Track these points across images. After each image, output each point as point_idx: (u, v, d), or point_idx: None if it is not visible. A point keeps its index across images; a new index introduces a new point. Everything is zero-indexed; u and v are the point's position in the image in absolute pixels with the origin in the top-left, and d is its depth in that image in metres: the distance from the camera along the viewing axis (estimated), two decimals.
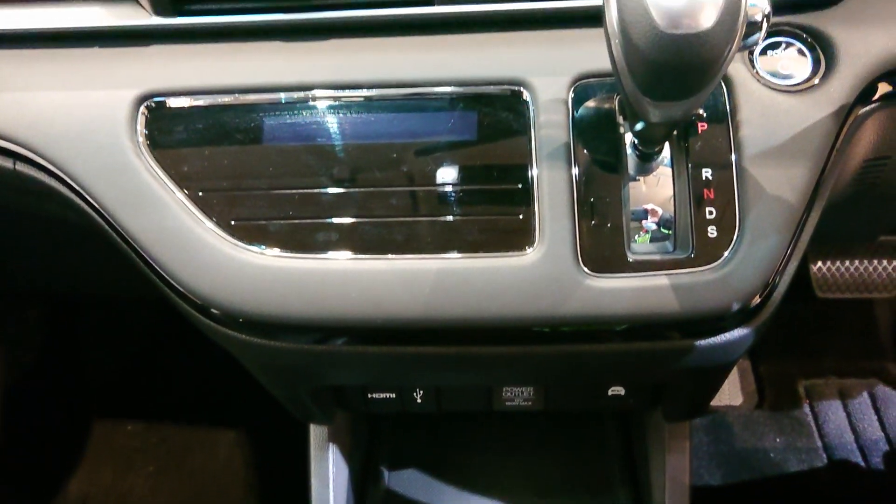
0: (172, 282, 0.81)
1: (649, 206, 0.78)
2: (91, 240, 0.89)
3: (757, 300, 0.77)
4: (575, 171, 0.77)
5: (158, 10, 0.83)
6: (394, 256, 0.77)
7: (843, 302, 1.73)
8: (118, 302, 1.85)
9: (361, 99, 0.81)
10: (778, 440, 1.66)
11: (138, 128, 0.81)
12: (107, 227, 0.83)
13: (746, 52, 0.80)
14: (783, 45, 0.81)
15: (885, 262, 1.65)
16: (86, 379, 1.82)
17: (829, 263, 1.67)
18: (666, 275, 0.75)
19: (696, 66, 0.59)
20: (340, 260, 0.78)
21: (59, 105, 0.83)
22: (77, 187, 0.82)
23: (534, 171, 0.78)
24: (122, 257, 0.85)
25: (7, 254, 1.35)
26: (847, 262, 1.66)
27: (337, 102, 0.81)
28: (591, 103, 0.79)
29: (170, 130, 0.82)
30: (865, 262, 1.66)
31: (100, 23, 0.85)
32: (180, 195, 0.80)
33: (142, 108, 0.82)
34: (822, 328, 1.82)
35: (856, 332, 1.81)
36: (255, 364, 0.96)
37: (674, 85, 0.61)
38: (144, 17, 0.84)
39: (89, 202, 0.82)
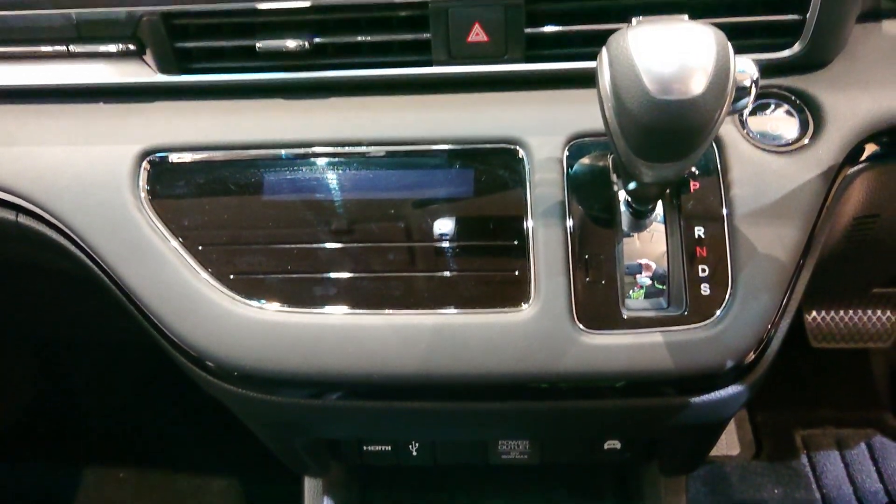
0: (169, 334, 0.81)
1: (643, 261, 0.79)
2: (87, 288, 0.90)
3: (751, 357, 0.78)
4: (570, 227, 0.78)
5: (164, 68, 0.85)
6: (391, 312, 0.78)
7: (838, 352, 1.73)
8: (111, 349, 1.85)
9: (360, 155, 0.83)
10: (776, 491, 1.64)
11: (140, 182, 0.83)
12: (106, 279, 0.83)
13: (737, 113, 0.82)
14: (772, 106, 0.83)
15: (879, 313, 1.66)
16: (78, 425, 1.81)
17: (823, 313, 1.67)
18: (660, 332, 0.76)
19: (688, 130, 0.60)
20: (338, 315, 0.78)
21: (63, 159, 0.84)
22: (78, 240, 0.83)
23: (529, 228, 0.79)
24: (119, 308, 0.85)
25: (2, 300, 1.35)
26: (842, 312, 1.67)
27: (336, 159, 0.83)
28: (585, 160, 0.81)
29: (171, 185, 0.83)
30: (860, 312, 1.66)
31: (106, 79, 0.87)
32: (180, 249, 0.81)
33: (144, 164, 0.83)
34: (819, 378, 1.81)
35: (852, 382, 1.81)
36: (250, 417, 0.96)
37: (666, 148, 0.63)
38: (150, 75, 0.86)
39: (89, 255, 0.83)
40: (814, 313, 1.67)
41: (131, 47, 0.84)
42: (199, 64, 0.85)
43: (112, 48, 0.85)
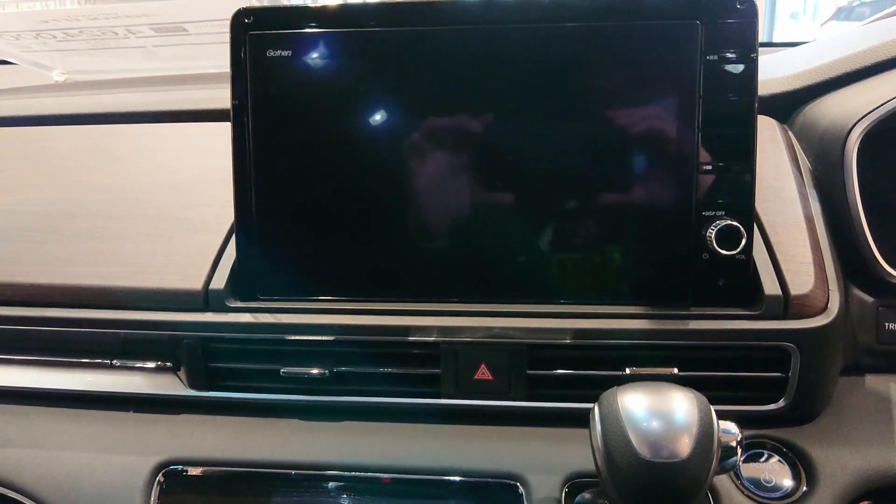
0: None
1: None
2: None
3: None
4: None
5: (194, 384, 0.92)
6: None
7: None
8: None
9: (367, 480, 0.86)
10: None
11: (152, 497, 0.85)
12: None
13: None
14: (765, 455, 0.86)
15: None
16: None
17: None
18: None
19: (677, 490, 0.63)
20: None
21: (84, 467, 0.88)
22: None
23: None
24: None
25: None
26: None
27: (343, 483, 0.86)
28: (587, 495, 0.83)
29: (181, 498, 0.86)
30: None
31: (139, 390, 0.94)
32: None
33: (160, 476, 0.87)
34: None
35: None
36: None
37: None
38: (180, 389, 0.93)
39: None
40: None
41: (168, 364, 0.93)
42: (226, 382, 0.93)
43: (151, 364, 0.93)
